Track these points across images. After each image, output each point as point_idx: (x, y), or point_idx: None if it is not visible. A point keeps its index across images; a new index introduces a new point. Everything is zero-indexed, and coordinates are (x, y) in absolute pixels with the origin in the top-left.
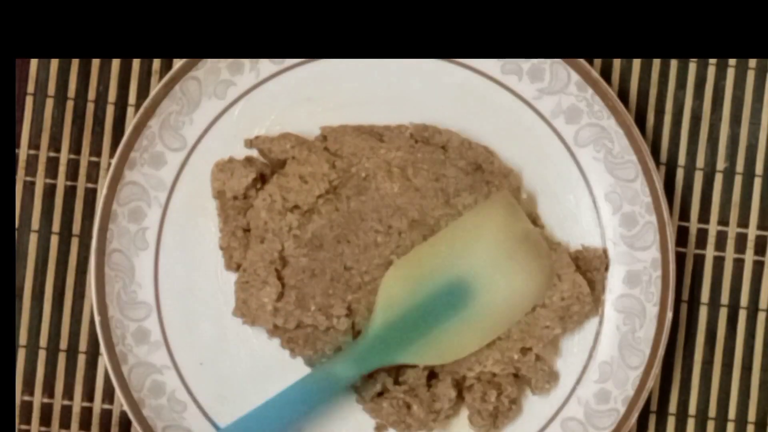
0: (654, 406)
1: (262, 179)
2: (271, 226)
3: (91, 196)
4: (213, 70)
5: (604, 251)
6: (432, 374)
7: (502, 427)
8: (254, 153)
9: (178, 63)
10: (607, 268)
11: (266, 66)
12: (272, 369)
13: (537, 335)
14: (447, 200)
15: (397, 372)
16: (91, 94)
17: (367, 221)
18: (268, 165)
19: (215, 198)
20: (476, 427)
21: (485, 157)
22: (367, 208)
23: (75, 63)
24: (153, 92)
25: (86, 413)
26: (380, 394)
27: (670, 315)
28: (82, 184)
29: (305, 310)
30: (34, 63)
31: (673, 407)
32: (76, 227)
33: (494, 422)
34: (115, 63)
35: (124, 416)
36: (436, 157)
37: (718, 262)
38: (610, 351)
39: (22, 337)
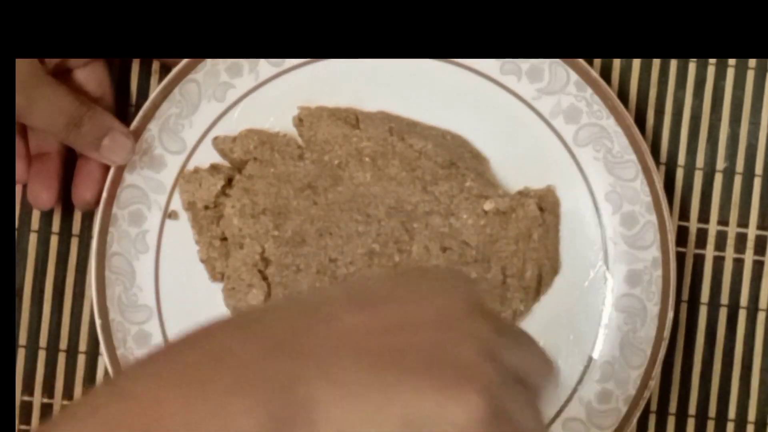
0: (654, 406)
1: (230, 184)
2: (246, 231)
3: None
4: (212, 72)
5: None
6: None
7: None
8: (219, 159)
9: (176, 65)
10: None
11: (265, 68)
12: None
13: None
14: (424, 187)
15: None
16: None
17: (346, 212)
18: (233, 168)
19: (186, 210)
20: None
21: (458, 155)
22: (344, 198)
23: None
24: (152, 95)
25: None
26: None
27: (671, 314)
28: None
29: None
30: None
31: (673, 407)
32: (76, 227)
33: None
34: (115, 64)
35: None
36: (409, 153)
37: (718, 261)
38: (611, 351)
39: (22, 337)
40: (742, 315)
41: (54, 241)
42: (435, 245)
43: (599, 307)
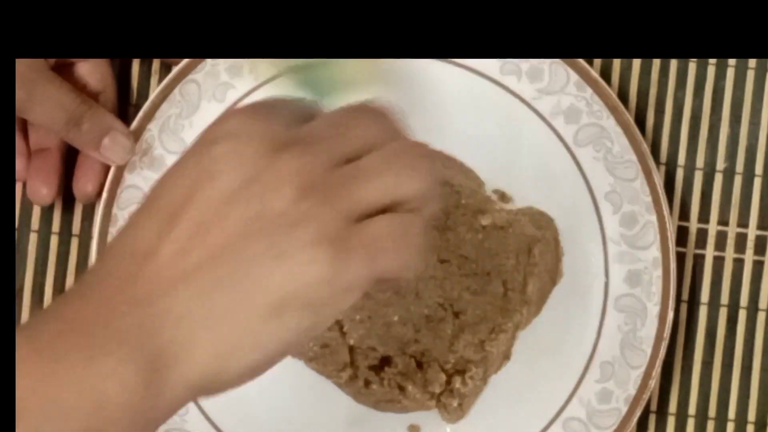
0: (654, 406)
1: None
2: None
3: None
4: (212, 73)
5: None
6: (419, 364)
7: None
8: None
9: (176, 66)
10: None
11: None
12: (274, 369)
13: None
14: None
15: (379, 369)
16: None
17: None
18: None
19: None
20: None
21: (450, 176)
22: None
23: None
24: (152, 96)
25: None
26: (367, 386)
27: (671, 314)
28: None
29: None
30: None
31: (673, 407)
32: (76, 227)
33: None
34: (115, 63)
35: None
36: None
37: (718, 262)
38: (611, 351)
39: None
40: (742, 315)
41: (54, 241)
42: (432, 257)
43: (599, 307)
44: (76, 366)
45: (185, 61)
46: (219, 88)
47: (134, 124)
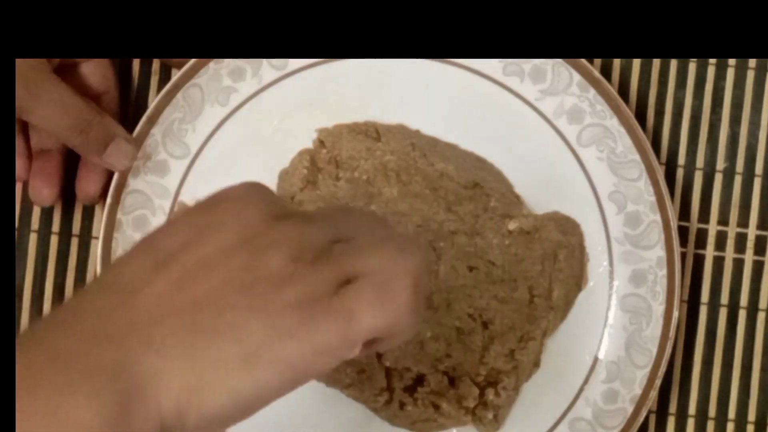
0: (654, 406)
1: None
2: None
3: None
4: (215, 76)
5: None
6: (451, 380)
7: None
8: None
9: (176, 66)
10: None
11: (268, 72)
12: None
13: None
14: (448, 207)
15: (412, 389)
16: None
17: None
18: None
19: None
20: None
21: (481, 177)
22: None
23: None
24: (155, 100)
25: None
26: (402, 408)
27: (676, 313)
28: None
29: None
30: None
31: (673, 407)
32: (76, 227)
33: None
34: (116, 63)
35: None
36: (430, 172)
37: (718, 262)
38: (617, 351)
39: None
40: (742, 315)
41: (54, 241)
42: (461, 264)
43: (604, 307)
44: (49, 399)
45: (188, 64)
46: (222, 91)
47: (137, 128)
